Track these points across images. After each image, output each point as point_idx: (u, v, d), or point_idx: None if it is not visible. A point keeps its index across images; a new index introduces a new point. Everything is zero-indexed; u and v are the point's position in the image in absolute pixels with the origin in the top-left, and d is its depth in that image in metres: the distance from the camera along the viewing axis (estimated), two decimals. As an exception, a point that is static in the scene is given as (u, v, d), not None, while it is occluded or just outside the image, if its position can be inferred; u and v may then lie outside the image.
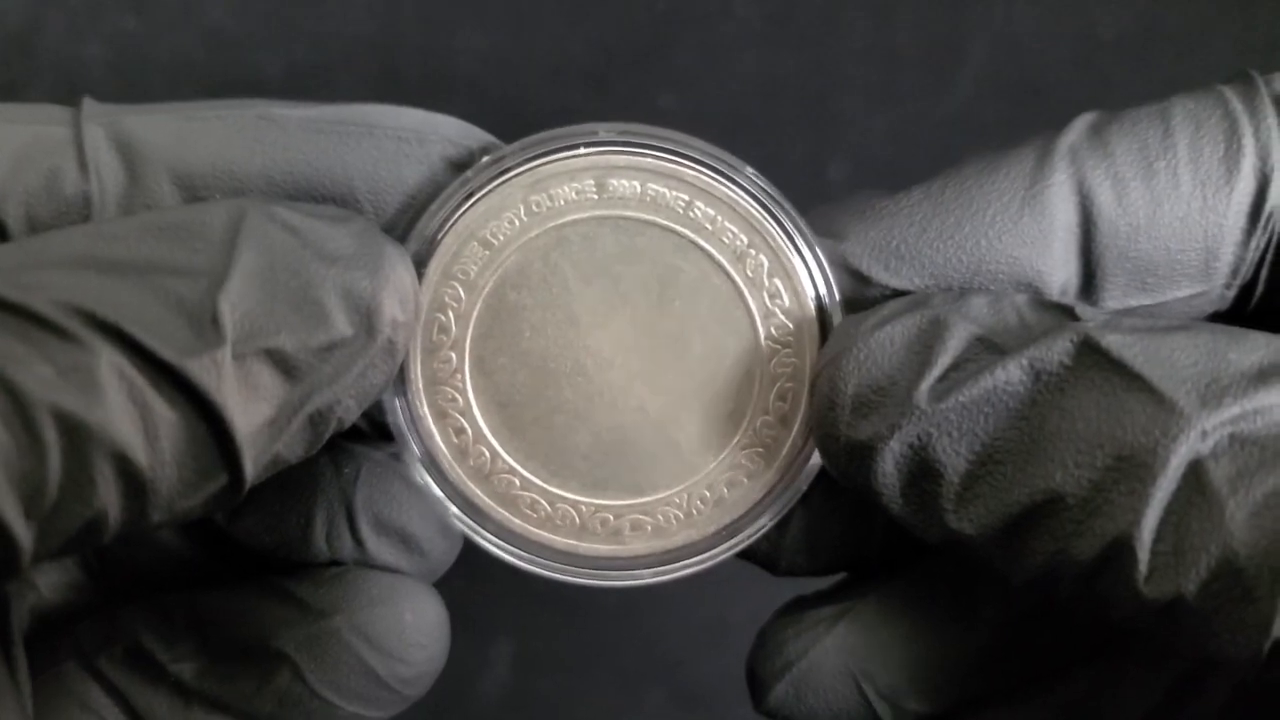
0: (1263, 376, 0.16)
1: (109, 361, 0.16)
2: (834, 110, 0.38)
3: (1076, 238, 0.19)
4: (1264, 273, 0.20)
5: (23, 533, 0.16)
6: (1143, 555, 0.16)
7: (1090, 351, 0.17)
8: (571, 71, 0.37)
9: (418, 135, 0.20)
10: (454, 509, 0.21)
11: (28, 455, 0.15)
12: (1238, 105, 0.19)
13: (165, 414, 0.16)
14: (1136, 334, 0.17)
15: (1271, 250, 0.19)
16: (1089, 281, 0.20)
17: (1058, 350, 0.17)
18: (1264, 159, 0.19)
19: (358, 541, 0.22)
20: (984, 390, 0.17)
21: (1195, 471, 0.16)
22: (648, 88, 0.37)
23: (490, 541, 0.21)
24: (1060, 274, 0.20)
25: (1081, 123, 0.20)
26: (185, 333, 0.17)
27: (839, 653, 0.22)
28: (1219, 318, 0.20)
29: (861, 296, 0.20)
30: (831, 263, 0.20)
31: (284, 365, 0.17)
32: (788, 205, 0.20)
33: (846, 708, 0.22)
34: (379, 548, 0.22)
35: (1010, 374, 0.17)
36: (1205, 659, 0.16)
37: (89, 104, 0.20)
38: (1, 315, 0.16)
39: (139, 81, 0.36)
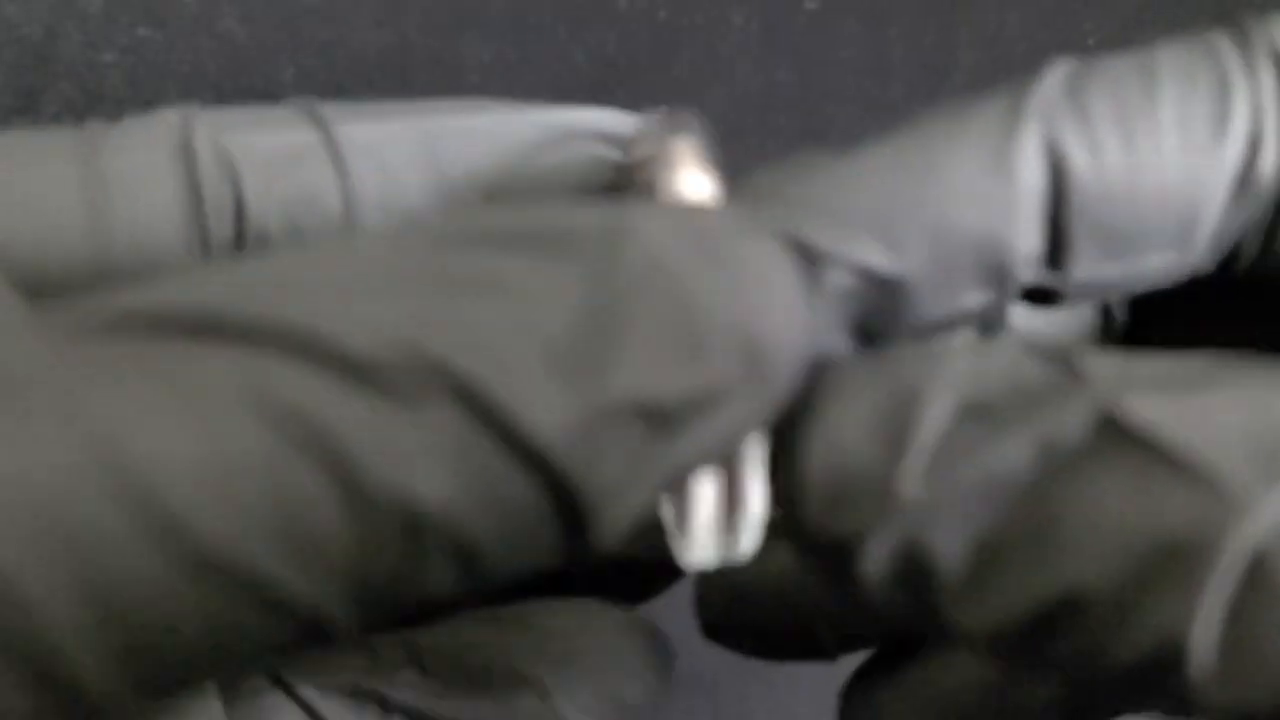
0: None
1: (470, 432, 0.12)
2: (828, 118, 0.39)
3: (1046, 204, 0.17)
4: (1251, 239, 0.18)
5: (344, 618, 0.13)
6: (1201, 659, 0.14)
7: (1111, 425, 0.14)
8: (574, 80, 0.37)
9: (605, 139, 0.19)
10: None
11: (356, 546, 0.12)
12: (1231, 61, 0.17)
13: (517, 497, 0.13)
14: (1163, 393, 0.15)
15: (1260, 216, 0.18)
16: (1056, 250, 0.18)
17: (1071, 425, 0.15)
18: (1255, 122, 0.17)
19: None
20: (980, 473, 0.15)
21: (1258, 562, 0.13)
22: (648, 97, 0.38)
23: None
24: (1027, 242, 0.17)
25: (1056, 76, 0.18)
26: (548, 389, 0.13)
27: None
28: (1203, 284, 0.19)
29: (810, 277, 0.17)
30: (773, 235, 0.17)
31: (656, 420, 0.13)
32: None
33: None
34: None
35: (1012, 454, 0.15)
36: None
37: (328, 107, 0.18)
38: (324, 365, 0.12)
39: (154, 89, 0.37)
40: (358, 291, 0.13)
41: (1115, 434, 0.14)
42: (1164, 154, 0.17)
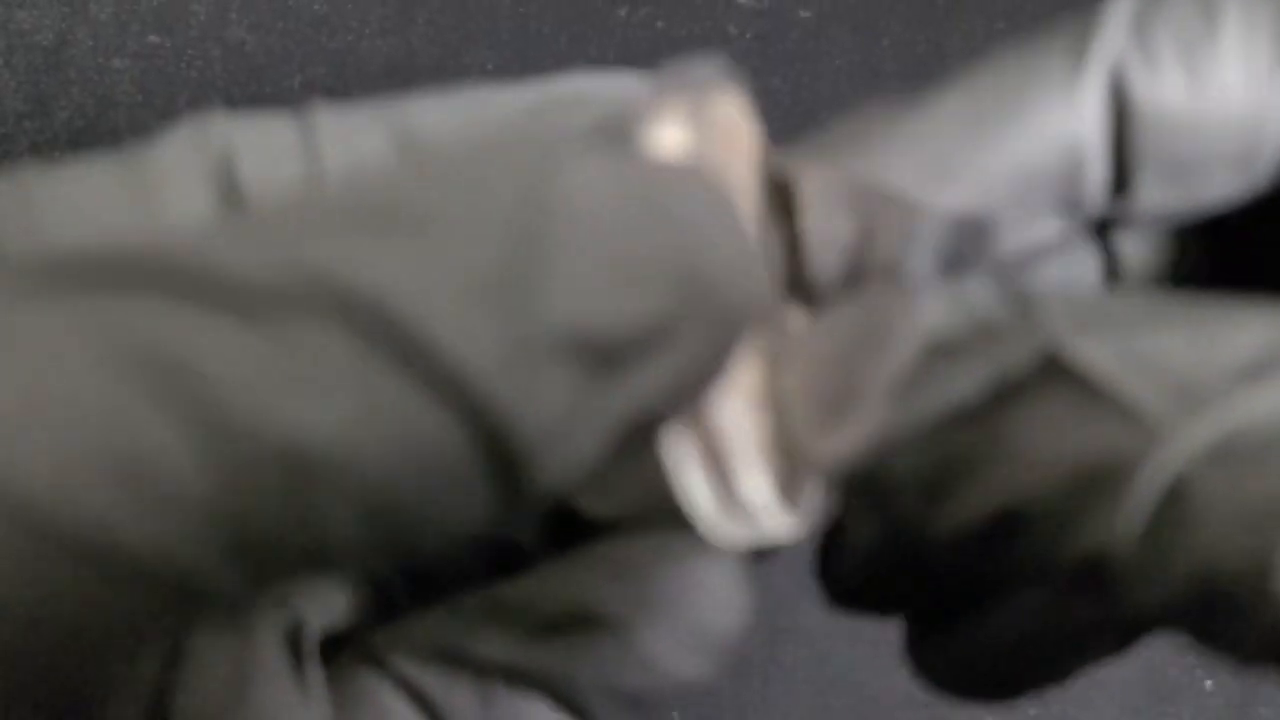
0: (1250, 372, 0.15)
1: (366, 357, 0.11)
2: (821, 125, 0.39)
3: (1112, 134, 0.18)
4: None
5: (225, 577, 0.12)
6: (1122, 573, 0.15)
7: (1054, 361, 0.16)
8: (575, 89, 0.38)
9: (621, 104, 0.18)
10: None
11: (222, 494, 0.11)
12: None
13: (431, 433, 0.12)
14: (1105, 333, 0.16)
15: None
16: (1123, 179, 0.18)
17: (1019, 359, 0.16)
18: None
19: None
20: (939, 404, 0.17)
21: (1175, 485, 0.15)
22: (647, 104, 0.38)
23: None
24: (1095, 173, 0.18)
25: (1121, 10, 0.18)
26: (471, 313, 0.12)
27: None
28: (1264, 202, 0.19)
29: (892, 226, 0.18)
30: (856, 190, 0.18)
31: (595, 355, 0.12)
32: None
33: None
34: None
35: (967, 386, 0.16)
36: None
37: (317, 109, 0.18)
38: (193, 296, 0.11)
39: (164, 96, 0.37)
40: (263, 227, 0.12)
41: (1056, 370, 0.16)
42: (1226, 83, 0.18)
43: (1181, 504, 0.15)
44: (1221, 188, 0.18)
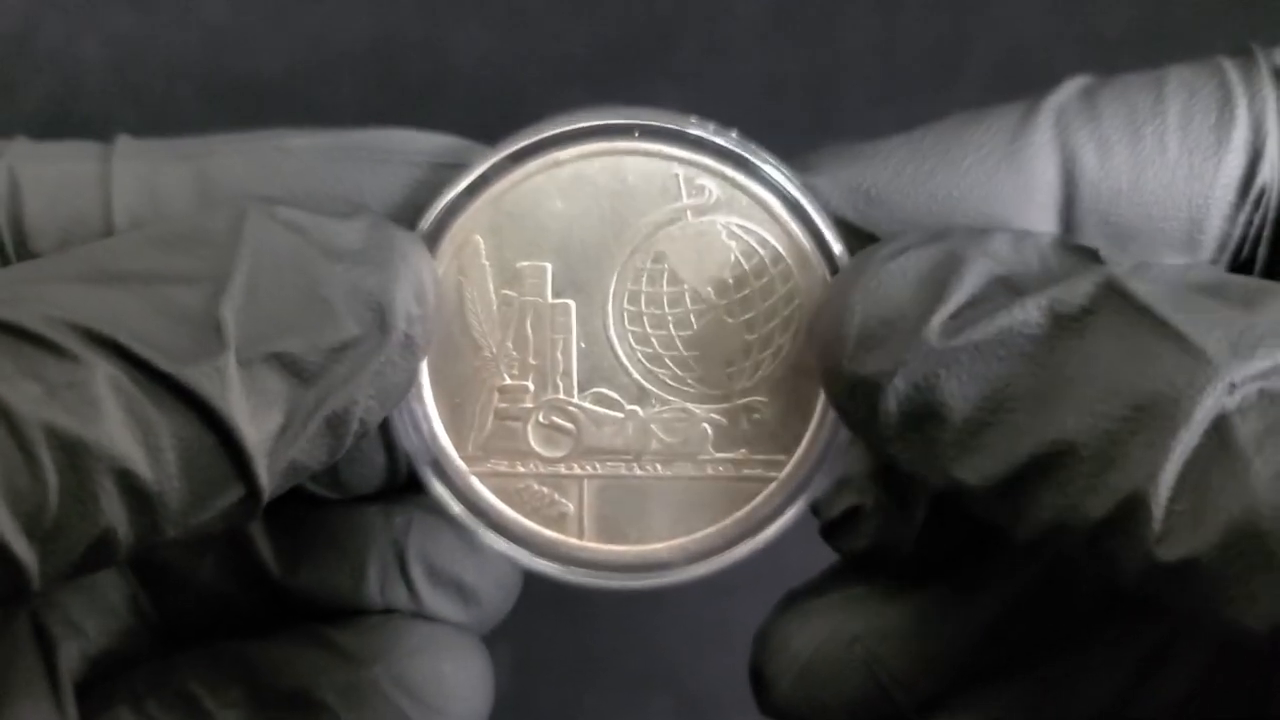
0: None
1: (105, 375, 0.16)
2: (837, 107, 0.38)
3: (1056, 199, 0.19)
4: (1261, 250, 0.19)
5: (26, 554, 0.15)
6: (1158, 513, 0.15)
7: (1115, 294, 0.16)
8: (572, 69, 0.37)
9: (431, 162, 0.20)
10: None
11: (24, 475, 0.15)
12: (1234, 76, 0.19)
13: (167, 426, 0.16)
14: (1166, 281, 0.16)
15: (1268, 227, 0.19)
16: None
17: (1080, 292, 0.16)
18: (1257, 132, 0.18)
19: (411, 592, 0.22)
20: (999, 330, 0.16)
21: (1220, 426, 0.15)
22: (649, 86, 0.37)
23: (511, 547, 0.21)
24: (1044, 227, 0.19)
25: (1073, 84, 0.19)
26: (186, 342, 0.16)
27: (847, 640, 0.21)
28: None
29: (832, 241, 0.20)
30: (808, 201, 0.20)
31: (293, 368, 0.17)
32: (755, 151, 0.20)
33: (858, 695, 0.21)
34: (433, 598, 0.22)
35: (1028, 314, 0.16)
36: (1215, 631, 0.15)
37: (122, 141, 0.20)
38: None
39: (137, 81, 0.36)
40: (45, 284, 0.17)
41: (1117, 299, 0.16)
42: (1168, 154, 0.18)
43: (1225, 444, 0.15)
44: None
